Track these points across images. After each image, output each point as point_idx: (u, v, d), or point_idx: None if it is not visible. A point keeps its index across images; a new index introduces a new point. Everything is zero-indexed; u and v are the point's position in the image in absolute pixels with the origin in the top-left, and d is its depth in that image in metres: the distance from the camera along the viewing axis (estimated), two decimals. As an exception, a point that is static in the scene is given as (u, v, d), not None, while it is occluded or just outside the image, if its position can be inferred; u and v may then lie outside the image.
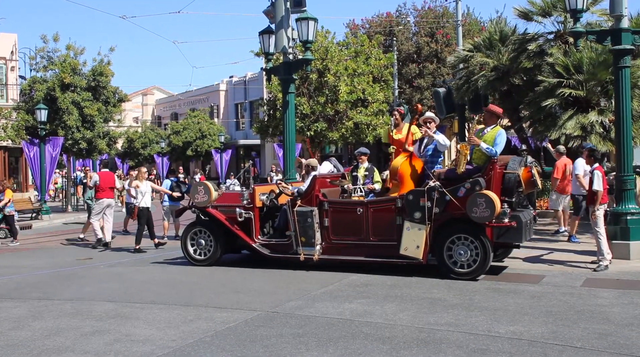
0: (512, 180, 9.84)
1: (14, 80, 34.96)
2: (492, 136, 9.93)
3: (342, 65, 26.57)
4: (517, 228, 9.69)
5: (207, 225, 11.77)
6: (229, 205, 11.60)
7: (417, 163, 10.56)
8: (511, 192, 9.89)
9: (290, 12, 14.46)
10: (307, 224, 10.60)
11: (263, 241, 11.33)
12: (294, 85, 15.17)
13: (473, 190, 9.61)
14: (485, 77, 17.11)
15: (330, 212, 10.70)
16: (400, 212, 10.16)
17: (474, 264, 9.73)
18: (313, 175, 11.10)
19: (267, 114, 29.73)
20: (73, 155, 29.20)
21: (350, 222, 10.57)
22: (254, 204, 11.43)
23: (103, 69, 27.09)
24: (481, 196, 9.46)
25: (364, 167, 11.70)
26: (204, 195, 11.63)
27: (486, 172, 9.81)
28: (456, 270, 9.82)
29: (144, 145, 48.54)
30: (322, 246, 10.70)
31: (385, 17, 35.21)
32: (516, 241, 10.17)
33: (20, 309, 8.30)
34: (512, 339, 6.39)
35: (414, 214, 9.92)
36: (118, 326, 7.27)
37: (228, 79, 51.64)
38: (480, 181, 9.67)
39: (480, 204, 9.41)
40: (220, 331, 6.98)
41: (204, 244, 11.66)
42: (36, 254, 14.43)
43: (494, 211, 9.34)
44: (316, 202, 10.74)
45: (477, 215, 9.47)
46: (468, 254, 9.76)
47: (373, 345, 6.30)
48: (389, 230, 10.28)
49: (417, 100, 32.29)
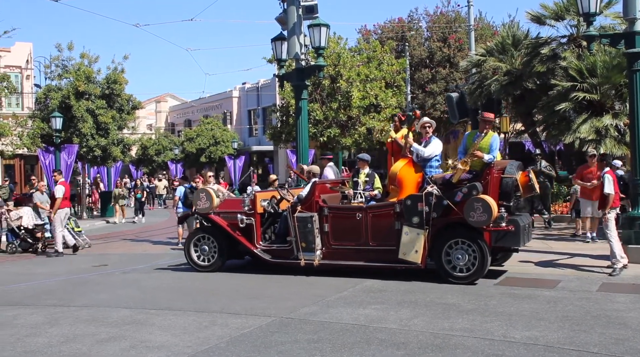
0: (509, 184, 9.89)
1: (30, 88, 35.27)
2: (488, 143, 10.02)
3: (354, 71, 26.57)
4: (515, 232, 9.74)
5: (210, 231, 11.83)
6: (230, 211, 11.65)
7: (416, 168, 10.66)
8: (509, 197, 9.91)
9: (303, 18, 14.52)
10: (307, 230, 10.69)
11: (264, 247, 11.39)
12: (306, 92, 15.22)
13: (470, 195, 9.67)
14: (498, 82, 17.09)
15: (330, 217, 10.79)
16: (399, 217, 10.23)
17: (472, 268, 9.76)
18: (313, 182, 11.21)
19: (280, 120, 29.76)
20: (88, 162, 29.39)
21: (349, 227, 10.66)
22: (255, 210, 11.49)
23: (117, 76, 27.27)
24: (478, 200, 9.52)
25: (364, 173, 11.72)
26: (206, 201, 11.74)
27: (483, 177, 9.91)
28: (454, 274, 9.86)
29: (157, 152, 48.75)
30: (323, 251, 10.77)
31: (397, 22, 35.18)
32: (514, 245, 10.23)
33: (36, 316, 8.36)
34: (528, 345, 6.35)
35: (412, 218, 9.99)
36: (134, 332, 7.30)
37: (241, 86, 51.78)
38: (477, 186, 9.72)
39: (478, 209, 9.47)
40: (235, 337, 6.99)
41: (207, 250, 11.71)
42: (52, 261, 14.53)
43: (491, 215, 9.40)
44: (316, 208, 10.83)
45: (474, 219, 9.54)
46: (466, 258, 9.81)
47: (388, 351, 6.29)
48: (388, 235, 10.35)
49: (429, 105, 32.26)
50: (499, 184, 9.91)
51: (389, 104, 26.93)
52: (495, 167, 9.96)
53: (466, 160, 9.95)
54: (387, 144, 11.78)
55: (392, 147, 11.48)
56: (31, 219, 16.29)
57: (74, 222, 17.12)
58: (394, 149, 11.33)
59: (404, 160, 10.70)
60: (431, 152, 10.65)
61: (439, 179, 10.20)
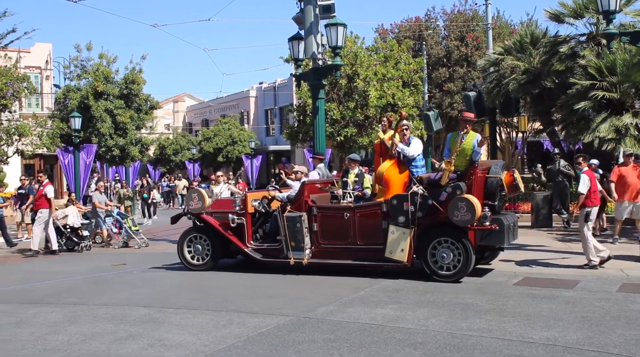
0: (494, 184, 10.06)
1: (49, 89, 35.57)
2: (470, 143, 10.16)
3: (371, 70, 26.52)
4: (499, 231, 9.89)
5: (203, 231, 12.02)
6: (222, 211, 11.88)
7: (402, 168, 10.83)
8: (493, 196, 10.08)
9: (320, 18, 14.52)
10: (296, 229, 10.87)
11: (255, 246, 11.58)
12: (323, 91, 15.22)
13: (454, 194, 9.84)
14: (516, 81, 16.98)
15: (318, 217, 10.96)
16: (386, 217, 10.39)
17: (457, 267, 9.93)
18: (302, 182, 11.38)
19: (297, 120, 29.77)
20: (106, 162, 29.61)
21: (338, 226, 10.83)
22: (246, 210, 11.69)
23: (135, 77, 27.44)
24: (462, 199, 9.68)
25: (354, 173, 11.80)
26: (198, 201, 11.99)
27: (467, 177, 10.08)
28: (439, 272, 10.04)
29: (175, 152, 48.97)
30: (312, 250, 10.94)
31: (414, 21, 35.09)
32: (498, 243, 10.38)
33: (56, 314, 8.44)
34: (546, 345, 6.31)
35: (398, 218, 10.16)
36: (152, 331, 7.35)
37: (258, 86, 51.89)
38: (461, 185, 9.89)
39: (462, 208, 9.63)
40: (253, 336, 7.01)
41: (200, 249, 11.91)
42: (71, 260, 14.66)
43: (474, 215, 9.56)
44: (305, 208, 10.98)
45: (458, 218, 9.69)
46: (451, 256, 9.98)
47: (405, 351, 6.28)
48: (375, 234, 10.52)
49: (447, 105, 32.15)
50: (484, 184, 10.10)
51: (406, 103, 26.84)
52: (480, 167, 10.15)
53: (450, 161, 10.12)
54: (375, 145, 12.00)
55: (380, 148, 11.64)
56: (76, 218, 16.48)
57: (131, 221, 17.27)
58: (382, 150, 11.47)
59: (390, 160, 10.91)
60: (414, 152, 10.84)
61: (425, 179, 10.41)
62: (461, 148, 10.15)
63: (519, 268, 11.08)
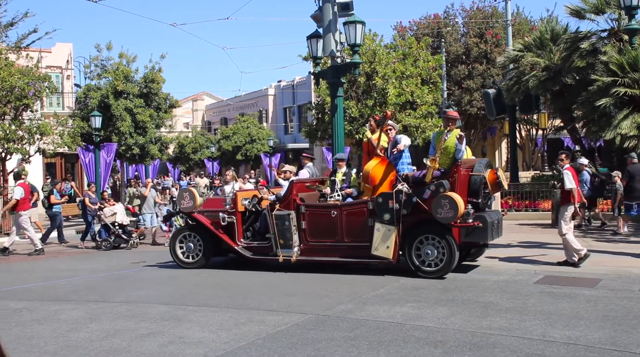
0: (477, 182, 10.16)
1: (70, 88, 35.92)
2: (453, 142, 10.29)
3: (390, 68, 26.46)
4: (483, 228, 10.03)
5: (195, 229, 12.18)
6: (213, 210, 12.12)
7: (389, 167, 10.92)
8: (477, 194, 10.19)
9: (338, 15, 14.49)
10: (285, 227, 11.06)
11: (245, 244, 11.79)
12: (342, 89, 15.20)
13: (437, 192, 10.02)
14: (536, 77, 16.86)
15: (307, 215, 11.13)
16: (372, 215, 10.56)
17: (440, 263, 10.11)
18: (290, 181, 11.55)
19: (316, 118, 29.79)
20: (126, 160, 29.83)
21: (325, 224, 11.00)
22: (236, 208, 11.91)
23: (154, 76, 27.63)
24: (445, 197, 9.87)
25: (341, 172, 11.96)
26: (189, 201, 12.18)
27: (451, 175, 10.24)
28: (424, 268, 10.23)
29: (194, 150, 49.19)
30: (300, 248, 11.13)
31: (433, 18, 34.96)
32: (482, 240, 10.51)
33: (77, 311, 8.52)
34: (568, 344, 6.26)
35: (384, 215, 10.33)
36: (172, 328, 7.39)
37: (276, 84, 51.97)
38: (445, 183, 10.08)
39: (445, 205, 9.82)
40: (272, 333, 7.02)
41: (192, 247, 12.08)
42: (92, 257, 14.79)
43: (457, 212, 9.73)
44: (294, 206, 11.16)
45: (441, 215, 9.87)
46: (435, 253, 10.17)
47: (425, 349, 6.25)
48: (361, 231, 10.69)
49: (466, 102, 31.97)
50: (468, 182, 10.20)
51: (425, 100, 26.75)
52: (463, 165, 10.26)
53: (434, 159, 10.31)
54: (363, 144, 12.16)
55: (367, 147, 11.73)
56: (124, 216, 16.63)
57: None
58: (369, 149, 11.56)
59: (376, 159, 10.98)
60: (405, 142, 10.97)
61: (411, 177, 10.56)
62: (445, 146, 10.33)
63: (474, 263, 11.39)
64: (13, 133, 19.59)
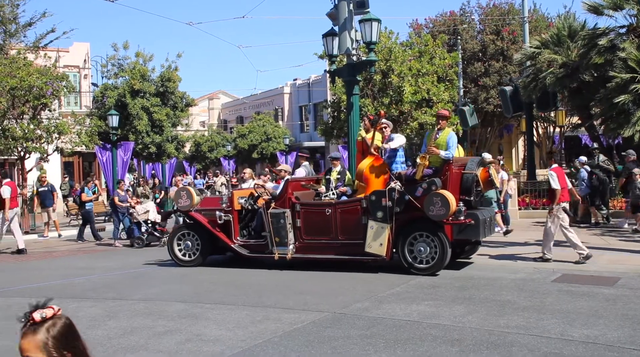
0: (469, 180, 10.34)
1: (87, 87, 36.17)
2: (444, 140, 10.48)
3: (406, 65, 26.35)
4: (475, 225, 10.19)
5: (193, 228, 12.34)
6: (210, 208, 12.25)
7: (382, 165, 11.09)
8: (469, 191, 10.36)
9: (354, 13, 14.46)
10: (280, 225, 11.22)
11: (242, 242, 11.94)
12: (357, 87, 15.17)
13: (430, 190, 10.17)
14: (553, 74, 16.72)
15: (302, 213, 11.29)
16: (365, 212, 10.72)
17: (432, 260, 10.28)
18: (286, 180, 11.74)
19: (331, 116, 29.75)
20: (143, 159, 29.98)
21: (320, 222, 11.16)
22: (232, 207, 12.06)
23: (171, 74, 27.75)
24: (437, 195, 10.00)
25: (336, 170, 12.12)
26: (187, 200, 12.36)
27: (443, 173, 10.43)
28: (416, 265, 10.39)
29: (210, 149, 49.37)
30: (296, 245, 11.28)
31: (449, 15, 34.79)
32: (474, 237, 10.71)
33: (96, 309, 8.59)
34: (586, 343, 6.21)
35: (377, 213, 10.47)
36: (189, 326, 7.42)
37: (292, 82, 52.01)
38: (436, 181, 10.23)
39: (437, 203, 9.95)
40: (288, 331, 7.03)
41: (190, 245, 12.27)
42: (109, 255, 14.89)
43: (449, 209, 9.86)
44: (289, 205, 11.30)
45: (433, 213, 10.01)
46: (428, 250, 10.33)
47: (442, 347, 6.23)
48: (355, 229, 10.84)
49: (482, 99, 31.78)
50: (460, 180, 10.38)
51: (442, 98, 26.62)
52: (455, 163, 10.44)
53: (424, 156, 10.46)
54: (357, 143, 12.32)
55: (361, 146, 11.87)
56: (156, 213, 16.75)
57: None
58: (364, 148, 11.70)
59: (370, 157, 11.12)
60: (396, 143, 11.11)
61: (404, 176, 10.70)
62: (435, 144, 10.46)
63: (468, 260, 11.50)
64: (31, 132, 19.78)
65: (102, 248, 16.52)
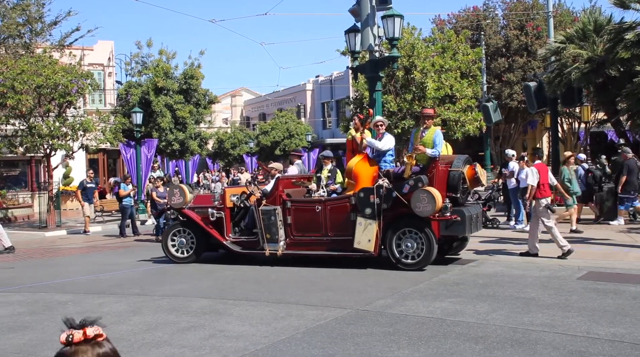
0: (456, 177, 10.53)
1: (111, 85, 36.51)
2: (431, 138, 10.71)
3: (428, 61, 26.25)
4: (461, 222, 10.39)
5: (187, 225, 12.47)
6: (202, 206, 12.44)
7: (371, 163, 11.22)
8: (456, 189, 10.55)
9: (376, 9, 14.42)
10: (271, 222, 11.40)
11: (234, 239, 12.11)
12: (380, 83, 15.13)
13: (416, 187, 10.36)
14: (578, 70, 16.51)
15: (292, 210, 11.48)
16: (354, 209, 10.90)
17: (418, 257, 10.47)
18: (277, 177, 11.94)
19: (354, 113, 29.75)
20: (167, 156, 30.19)
21: (310, 219, 11.35)
22: (224, 204, 12.23)
23: (194, 72, 27.89)
24: (423, 191, 10.19)
25: (327, 169, 12.37)
26: (180, 197, 12.53)
27: (429, 170, 10.63)
28: (403, 261, 10.58)
29: (233, 146, 49.57)
30: (286, 242, 11.47)
31: (472, 11, 34.56)
32: (460, 233, 10.88)
33: (120, 304, 8.67)
34: (613, 342, 6.13)
35: (365, 210, 10.64)
36: (212, 322, 7.47)
37: (314, 79, 52.02)
38: (423, 178, 10.44)
39: (423, 200, 10.13)
40: (311, 328, 7.04)
41: (184, 242, 12.42)
42: (133, 251, 15.01)
43: (435, 206, 10.03)
44: (280, 202, 11.50)
45: (420, 209, 10.19)
46: (415, 246, 10.53)
47: (465, 345, 6.20)
48: (344, 226, 11.03)
49: (506, 95, 31.51)
50: (446, 177, 10.58)
51: (465, 94, 26.47)
52: (442, 161, 10.65)
53: (411, 155, 10.70)
54: (347, 142, 12.46)
55: (351, 145, 12.04)
56: None
57: None
58: (353, 146, 11.85)
59: (359, 155, 11.29)
60: (383, 145, 11.23)
61: (392, 173, 10.86)
62: (421, 143, 10.68)
63: (456, 256, 11.63)
64: (57, 130, 20.02)
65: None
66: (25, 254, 15.25)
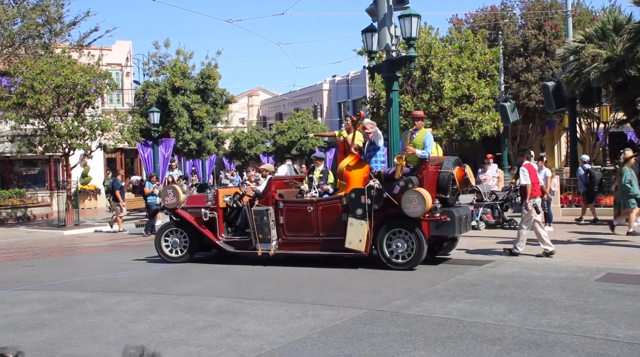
0: (446, 178, 10.68)
1: (129, 85, 36.75)
2: (421, 140, 10.90)
3: (446, 61, 26.17)
4: (451, 222, 10.54)
5: (181, 225, 12.56)
6: (195, 206, 12.51)
7: (363, 164, 11.38)
8: (445, 190, 10.71)
9: (393, 9, 14.38)
10: (263, 222, 11.52)
11: (226, 239, 12.23)
12: (397, 83, 15.09)
13: (407, 188, 10.50)
14: (597, 69, 16.39)
15: (284, 210, 11.60)
16: (345, 210, 11.04)
17: (409, 257, 10.61)
18: (269, 178, 12.12)
19: (371, 112, 29.70)
20: (184, 155, 30.34)
21: (302, 219, 11.46)
22: (217, 205, 12.35)
23: (211, 72, 28.00)
24: (414, 192, 10.35)
25: (319, 170, 12.47)
26: (173, 197, 12.66)
27: (419, 172, 10.78)
28: (394, 261, 10.71)
29: (250, 145, 49.65)
30: (278, 242, 11.59)
31: (490, 10, 34.39)
32: (450, 233, 11.00)
33: (138, 303, 8.72)
34: (632, 344, 6.07)
35: (356, 210, 10.78)
36: (229, 321, 7.49)
37: (331, 79, 52.01)
38: (413, 179, 10.58)
39: (413, 200, 10.28)
40: (327, 328, 7.04)
41: (178, 242, 12.53)
42: (151, 251, 15.07)
43: (425, 206, 10.20)
44: (272, 202, 11.63)
45: (410, 210, 10.34)
46: (405, 246, 10.67)
47: (482, 346, 6.17)
48: (336, 226, 11.17)
49: (524, 95, 31.32)
50: (436, 178, 10.73)
51: (482, 94, 26.36)
52: (432, 163, 10.80)
53: (401, 156, 10.88)
54: (339, 143, 12.61)
55: (343, 146, 12.16)
56: None
57: None
58: (345, 147, 11.96)
59: (351, 156, 11.40)
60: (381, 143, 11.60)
61: (383, 174, 11.05)
62: (412, 144, 10.85)
63: (446, 256, 11.73)
64: (76, 129, 20.19)
65: (143, 243, 16.73)
66: (44, 252, 15.40)
